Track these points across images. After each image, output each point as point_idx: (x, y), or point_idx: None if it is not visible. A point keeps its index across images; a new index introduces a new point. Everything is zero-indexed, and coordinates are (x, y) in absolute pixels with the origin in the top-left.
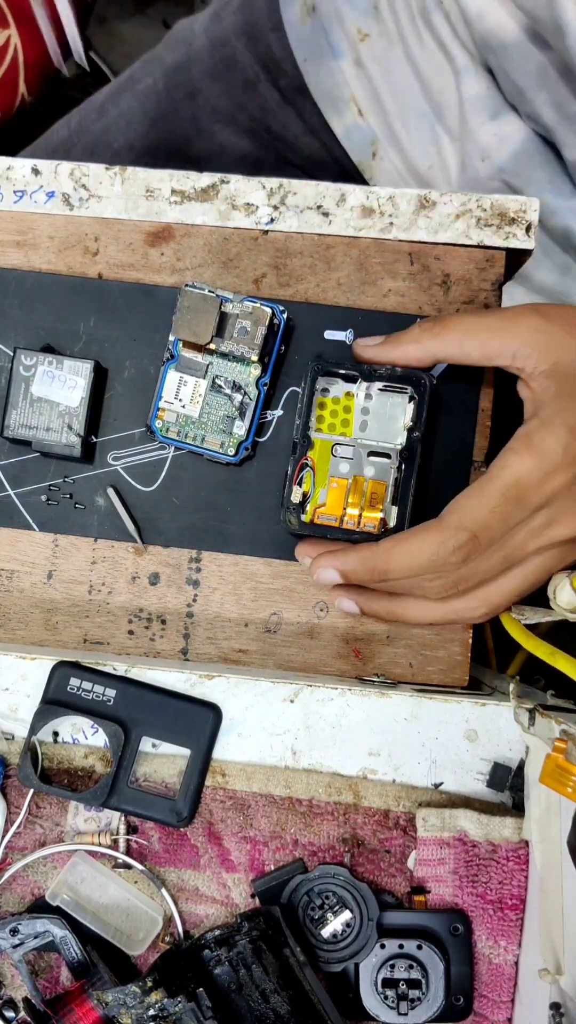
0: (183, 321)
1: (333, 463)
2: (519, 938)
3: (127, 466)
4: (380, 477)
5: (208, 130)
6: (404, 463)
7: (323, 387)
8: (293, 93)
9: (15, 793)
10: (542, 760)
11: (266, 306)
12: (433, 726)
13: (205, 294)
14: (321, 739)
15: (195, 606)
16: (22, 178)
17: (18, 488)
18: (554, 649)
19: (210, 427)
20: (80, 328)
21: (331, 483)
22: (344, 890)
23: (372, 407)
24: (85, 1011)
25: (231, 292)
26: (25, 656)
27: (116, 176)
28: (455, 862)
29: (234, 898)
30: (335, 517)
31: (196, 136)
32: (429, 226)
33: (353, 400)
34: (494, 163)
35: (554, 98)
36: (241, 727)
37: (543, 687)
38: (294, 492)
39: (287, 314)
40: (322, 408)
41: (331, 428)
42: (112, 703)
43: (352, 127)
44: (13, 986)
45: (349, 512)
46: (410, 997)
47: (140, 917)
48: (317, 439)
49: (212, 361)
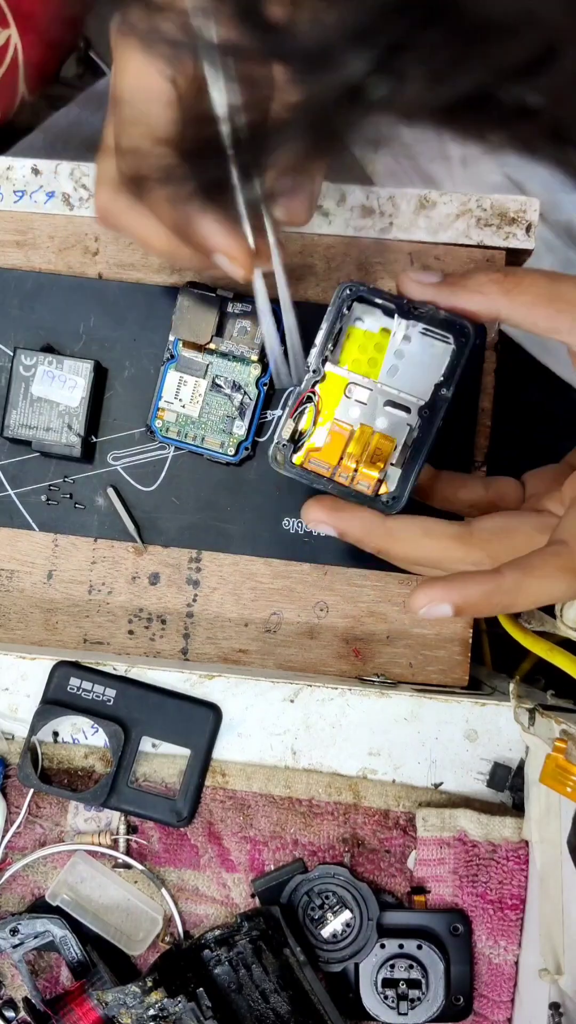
0: (183, 321)
1: (344, 404)
2: (519, 938)
3: (127, 466)
4: (392, 433)
5: None
6: (423, 423)
7: (358, 316)
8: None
9: (15, 793)
10: (542, 760)
11: None
12: (433, 726)
13: (205, 294)
14: (321, 739)
15: (195, 606)
16: (22, 178)
17: (18, 488)
18: (552, 646)
19: (210, 427)
20: (80, 328)
21: (334, 427)
22: (344, 890)
23: (408, 351)
24: (85, 1011)
25: (231, 292)
26: (25, 656)
27: None
28: (455, 862)
29: (234, 898)
30: (328, 465)
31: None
32: (429, 226)
33: (388, 338)
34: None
35: None
36: (241, 727)
37: (543, 687)
38: (287, 426)
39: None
40: (350, 339)
41: (356, 364)
42: (112, 703)
43: None
44: (13, 986)
45: (344, 463)
46: (410, 997)
47: (140, 917)
48: (332, 372)
49: (212, 361)
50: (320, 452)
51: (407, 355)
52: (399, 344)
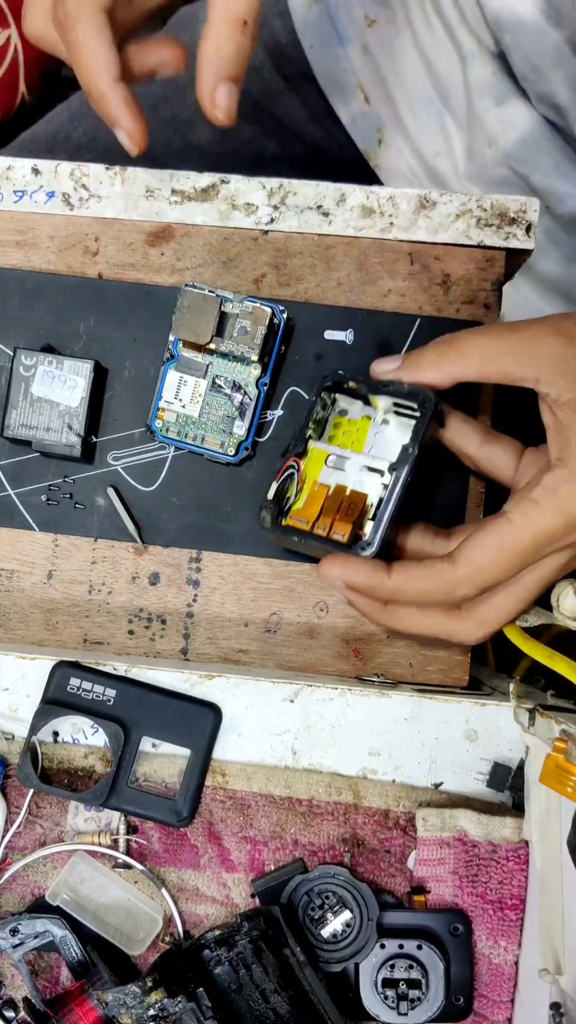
0: (183, 321)
1: (325, 471)
2: (519, 938)
3: (127, 466)
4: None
5: None
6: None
7: (343, 408)
8: (298, 79)
9: (15, 793)
10: (542, 760)
11: (266, 306)
12: (433, 726)
13: (205, 294)
14: (321, 739)
15: (195, 606)
16: (22, 178)
17: (18, 488)
18: (553, 652)
19: (210, 427)
20: (80, 328)
21: (314, 487)
22: (344, 890)
23: (386, 429)
24: (85, 1011)
25: (231, 292)
26: (25, 656)
27: (116, 176)
28: (455, 862)
29: (234, 898)
30: (307, 520)
31: (198, 121)
32: (429, 226)
33: (369, 423)
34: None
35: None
36: (241, 727)
37: (543, 687)
38: (271, 488)
39: (287, 314)
40: (337, 428)
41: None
42: (112, 703)
43: (358, 114)
44: (13, 986)
45: (322, 519)
46: (410, 997)
47: (140, 917)
48: (313, 447)
49: (212, 361)
50: (301, 510)
51: (384, 432)
52: (379, 427)
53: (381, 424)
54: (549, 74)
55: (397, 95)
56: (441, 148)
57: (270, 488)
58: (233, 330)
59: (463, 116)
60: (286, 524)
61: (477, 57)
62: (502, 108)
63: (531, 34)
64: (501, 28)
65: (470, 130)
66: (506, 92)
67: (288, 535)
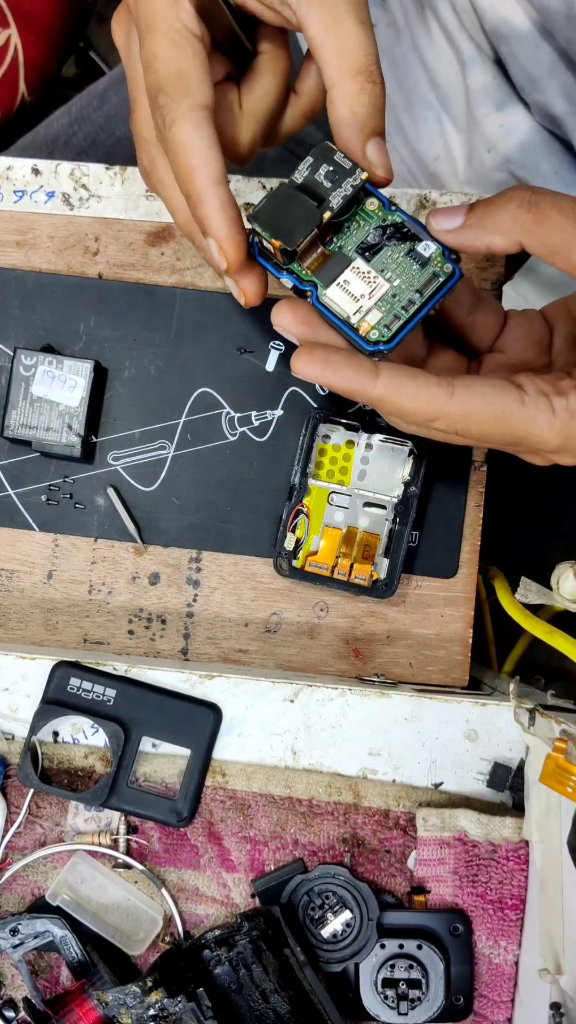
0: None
1: (328, 511)
2: (519, 938)
3: (127, 466)
4: (374, 529)
5: None
6: (399, 516)
7: (325, 433)
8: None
9: (15, 793)
10: (542, 760)
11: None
12: (433, 726)
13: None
14: (321, 739)
15: (195, 606)
16: (22, 178)
17: (18, 488)
18: (552, 628)
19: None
20: (80, 328)
21: (326, 532)
22: (344, 890)
23: (372, 457)
24: (85, 1011)
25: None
26: (25, 656)
27: (116, 176)
28: (455, 862)
29: (234, 898)
30: (327, 566)
31: None
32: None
33: (353, 449)
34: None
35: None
36: (241, 727)
37: (543, 687)
38: (288, 539)
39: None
40: (322, 455)
41: (329, 475)
42: (112, 703)
43: None
44: (13, 986)
45: (341, 562)
46: (410, 997)
47: (140, 917)
48: (314, 486)
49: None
50: (317, 556)
51: (372, 460)
52: (363, 452)
53: (365, 450)
54: (544, 84)
55: (397, 99)
56: (440, 152)
57: (285, 538)
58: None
59: (463, 121)
60: (306, 570)
61: (477, 63)
62: (502, 113)
63: (526, 46)
64: (498, 38)
65: (470, 135)
66: (506, 97)
67: (307, 580)
